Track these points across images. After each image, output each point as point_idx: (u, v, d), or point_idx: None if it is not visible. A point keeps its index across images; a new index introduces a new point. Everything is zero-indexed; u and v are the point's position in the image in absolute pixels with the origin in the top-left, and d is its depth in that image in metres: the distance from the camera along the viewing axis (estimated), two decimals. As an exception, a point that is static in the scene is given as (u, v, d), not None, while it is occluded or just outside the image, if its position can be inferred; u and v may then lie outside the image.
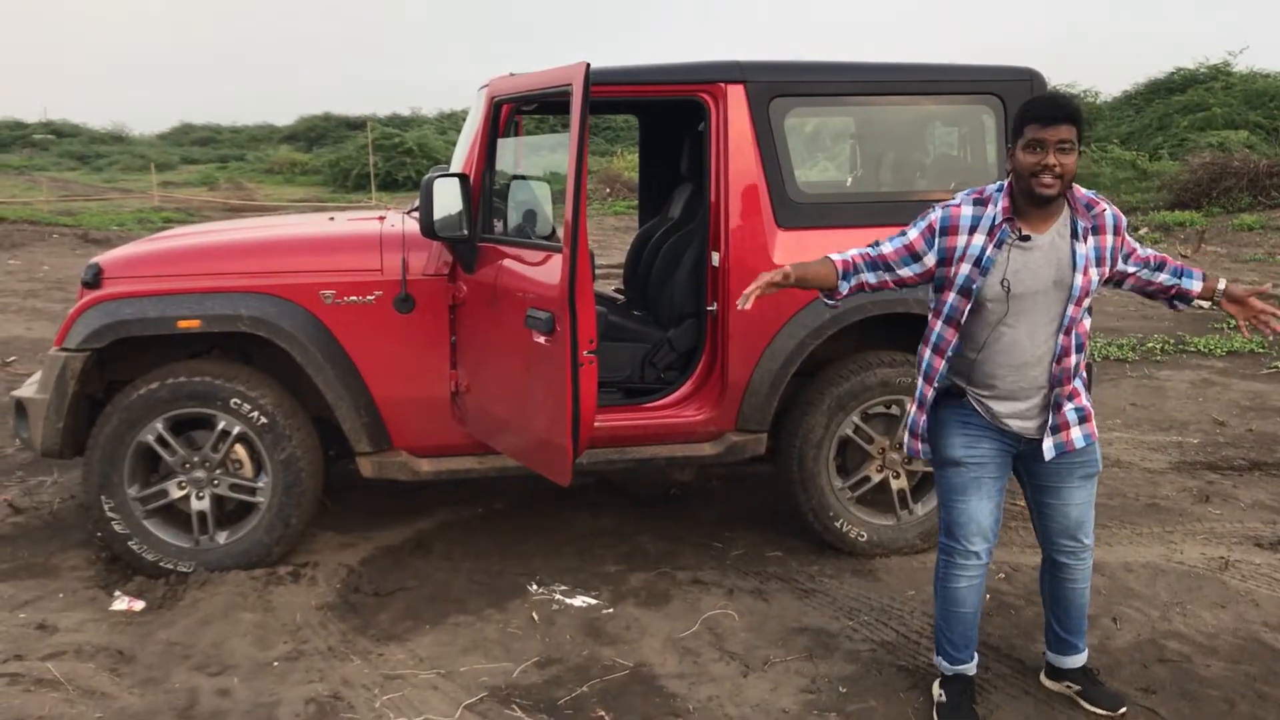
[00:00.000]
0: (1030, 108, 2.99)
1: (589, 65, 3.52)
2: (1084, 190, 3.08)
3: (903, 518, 4.61)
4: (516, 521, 5.02)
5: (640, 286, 5.41)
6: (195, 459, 4.27)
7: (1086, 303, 3.08)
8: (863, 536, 4.57)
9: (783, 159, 4.40)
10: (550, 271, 3.71)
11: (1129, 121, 26.22)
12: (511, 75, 4.28)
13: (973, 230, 3.08)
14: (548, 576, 4.41)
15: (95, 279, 4.26)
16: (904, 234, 3.21)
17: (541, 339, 3.71)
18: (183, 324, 4.13)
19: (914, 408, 3.32)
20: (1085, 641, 3.47)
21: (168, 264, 4.34)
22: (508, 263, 4.02)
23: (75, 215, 21.02)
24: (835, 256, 3.22)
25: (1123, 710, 3.36)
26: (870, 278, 3.23)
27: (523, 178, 4.37)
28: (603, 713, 3.37)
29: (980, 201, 3.12)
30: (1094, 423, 3.21)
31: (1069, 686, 3.46)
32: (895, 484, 4.59)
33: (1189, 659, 3.72)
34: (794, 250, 4.39)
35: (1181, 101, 25.22)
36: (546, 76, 3.86)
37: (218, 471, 4.29)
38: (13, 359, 8.23)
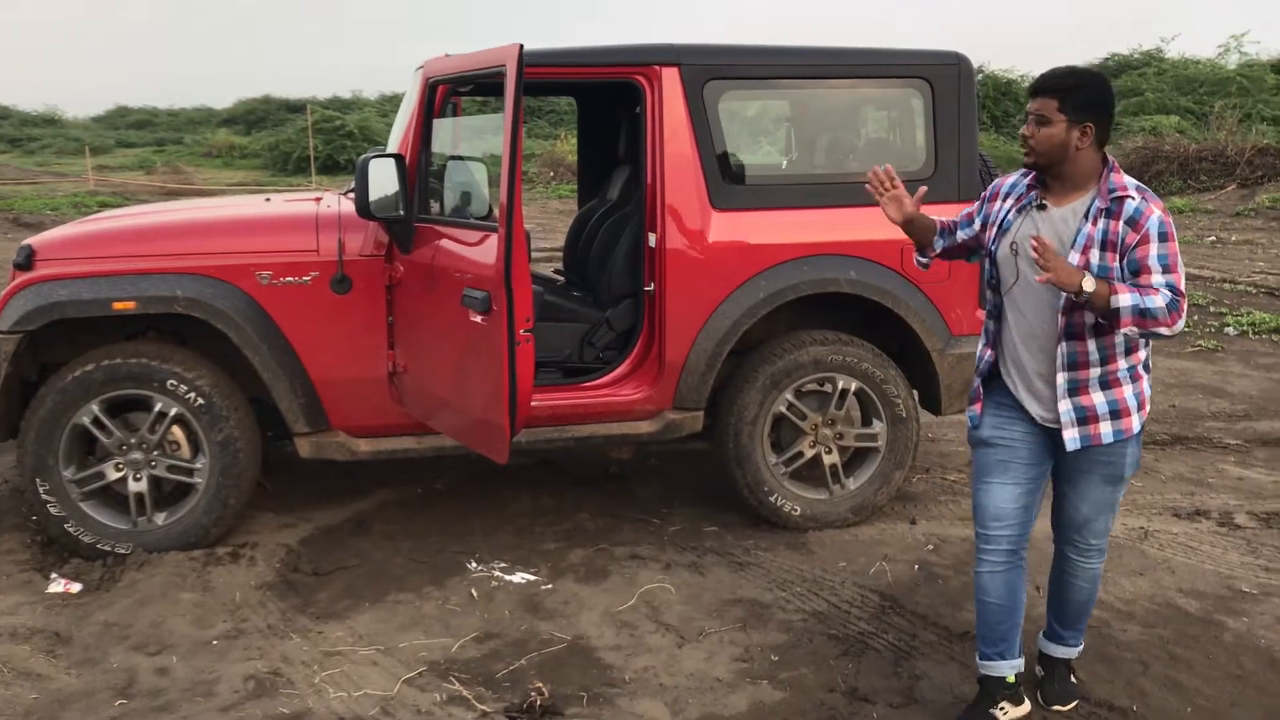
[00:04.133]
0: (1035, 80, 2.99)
1: (522, 46, 3.56)
2: (1127, 179, 2.90)
3: (835, 492, 4.71)
4: (456, 501, 5.07)
5: (579, 268, 5.46)
6: (132, 441, 4.27)
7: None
8: (796, 510, 4.67)
9: (717, 140, 4.47)
10: (486, 251, 3.75)
11: (1065, 106, 26.64)
12: (447, 56, 4.31)
13: (1007, 196, 3.10)
14: (487, 554, 4.46)
15: (28, 261, 4.22)
16: (968, 209, 3.29)
17: (478, 318, 3.76)
18: (118, 305, 4.12)
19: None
20: (1079, 639, 3.39)
21: (102, 245, 4.32)
22: (444, 243, 4.05)
23: (7, 200, 20.59)
24: (937, 217, 3.32)
25: (1056, 707, 3.32)
26: (950, 241, 3.28)
27: (459, 158, 4.40)
28: (540, 684, 3.43)
29: (1026, 172, 3.10)
30: (1134, 420, 2.99)
31: (1037, 671, 3.43)
32: (828, 459, 4.70)
33: (1107, 624, 3.86)
34: (729, 230, 4.48)
35: (1115, 87, 25.63)
36: (481, 58, 3.89)
37: (155, 453, 4.29)
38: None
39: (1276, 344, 8.54)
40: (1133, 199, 2.84)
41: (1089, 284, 2.73)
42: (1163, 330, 2.74)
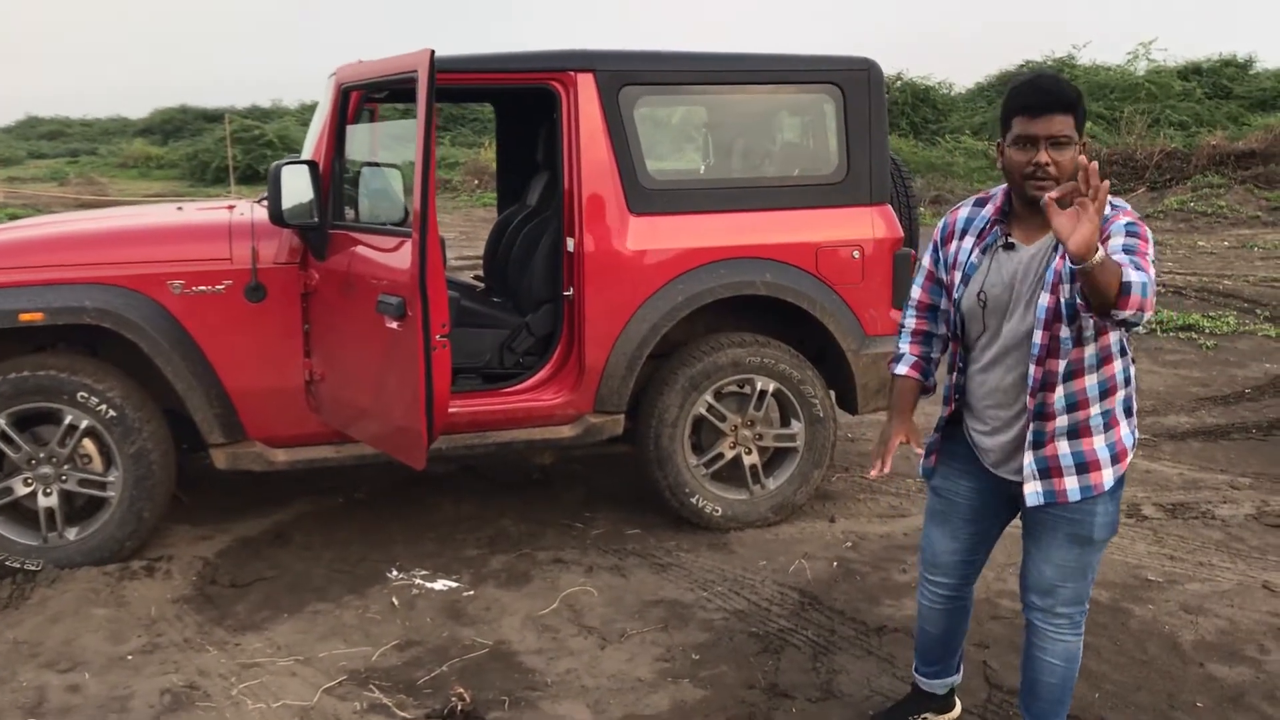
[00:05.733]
0: (1017, 95, 2.50)
1: (433, 52, 3.56)
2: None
3: (755, 492, 4.77)
4: (378, 510, 5.03)
5: (499, 273, 5.46)
6: (41, 455, 4.18)
7: (1065, 330, 2.51)
8: (718, 511, 4.71)
9: (633, 146, 4.50)
10: (401, 257, 3.75)
11: (981, 112, 27.16)
12: (361, 62, 4.29)
13: (964, 234, 2.72)
14: (409, 562, 4.44)
15: (-71, 272, 4.12)
16: (921, 265, 2.90)
17: (394, 324, 3.75)
18: (25, 317, 4.03)
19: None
20: None
21: (8, 255, 4.22)
22: (359, 249, 4.03)
23: (-88, 212, 19.96)
24: (901, 368, 2.92)
25: None
26: (937, 341, 2.92)
27: (374, 164, 4.39)
28: (461, 690, 3.42)
29: (981, 202, 2.75)
30: (1106, 474, 2.61)
31: None
32: (748, 460, 4.75)
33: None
34: (646, 235, 4.51)
35: (1029, 93, 26.21)
36: (393, 63, 3.88)
37: (65, 467, 4.20)
38: None
39: (1182, 341, 8.79)
40: (1113, 215, 2.47)
41: (1099, 256, 2.19)
42: (1147, 315, 2.26)
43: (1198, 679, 3.54)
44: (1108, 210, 2.47)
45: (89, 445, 4.23)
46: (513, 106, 6.01)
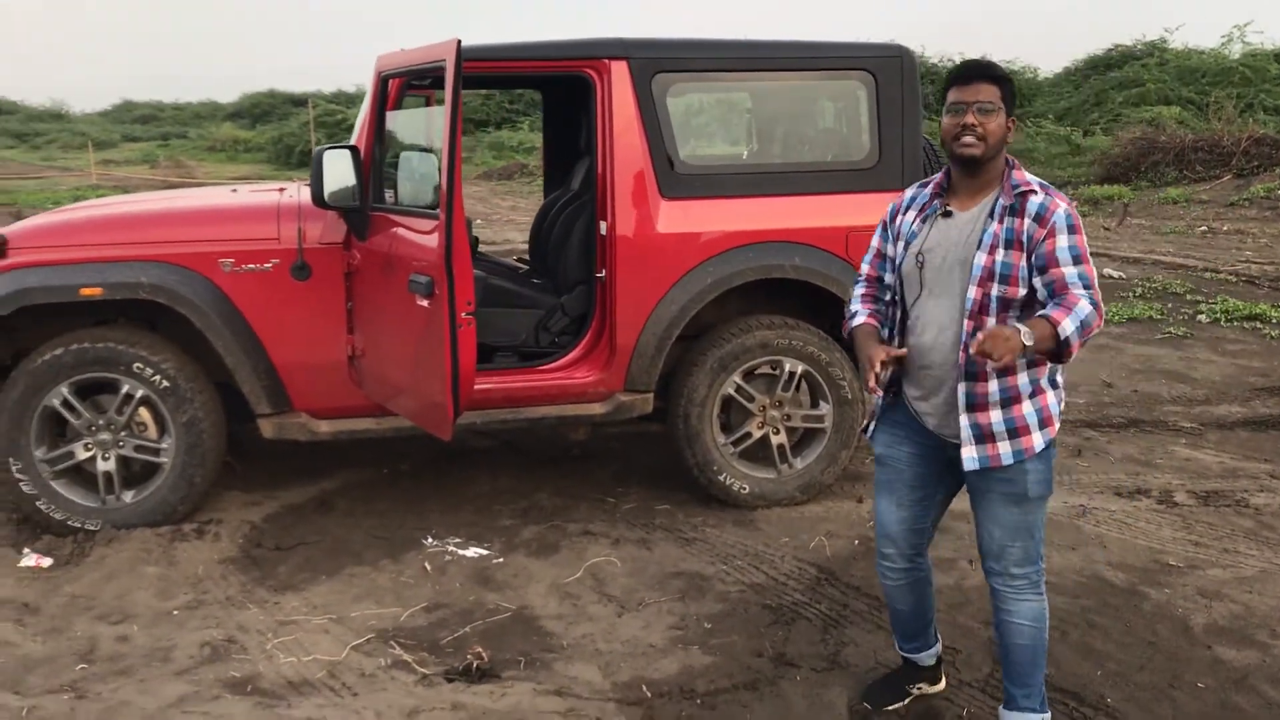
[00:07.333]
0: (952, 72, 2.85)
1: (460, 42, 3.72)
2: (1029, 175, 2.81)
3: (783, 471, 4.87)
4: (419, 481, 5.24)
5: (541, 255, 5.63)
6: (101, 422, 4.44)
7: (997, 289, 2.75)
8: (745, 489, 4.83)
9: (665, 131, 4.62)
10: (431, 237, 3.92)
11: (1066, 98, 26.65)
12: (402, 51, 4.47)
13: (908, 209, 2.99)
14: (444, 530, 4.64)
15: (1, 250, 4.40)
16: (871, 245, 3.12)
17: (423, 302, 3.92)
18: (85, 291, 4.29)
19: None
20: (1035, 699, 3.04)
21: (71, 234, 4.50)
22: (396, 230, 4.22)
23: (10, 194, 20.85)
24: (859, 319, 3.05)
25: None
26: (883, 304, 3.07)
27: (415, 148, 4.57)
28: (480, 649, 3.60)
29: (925, 183, 3.02)
30: (1035, 438, 2.82)
31: None
32: (775, 440, 4.86)
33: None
34: (677, 219, 4.63)
35: (1117, 78, 25.68)
36: (424, 53, 4.05)
37: (123, 434, 4.47)
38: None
39: (1247, 331, 8.65)
40: (1036, 194, 2.75)
41: (1028, 339, 2.56)
42: (1094, 334, 2.66)
43: (1204, 661, 3.57)
44: (1038, 194, 2.76)
45: (144, 413, 4.49)
46: (557, 93, 6.16)
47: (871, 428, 3.15)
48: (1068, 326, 2.59)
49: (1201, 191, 17.89)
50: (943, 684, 3.41)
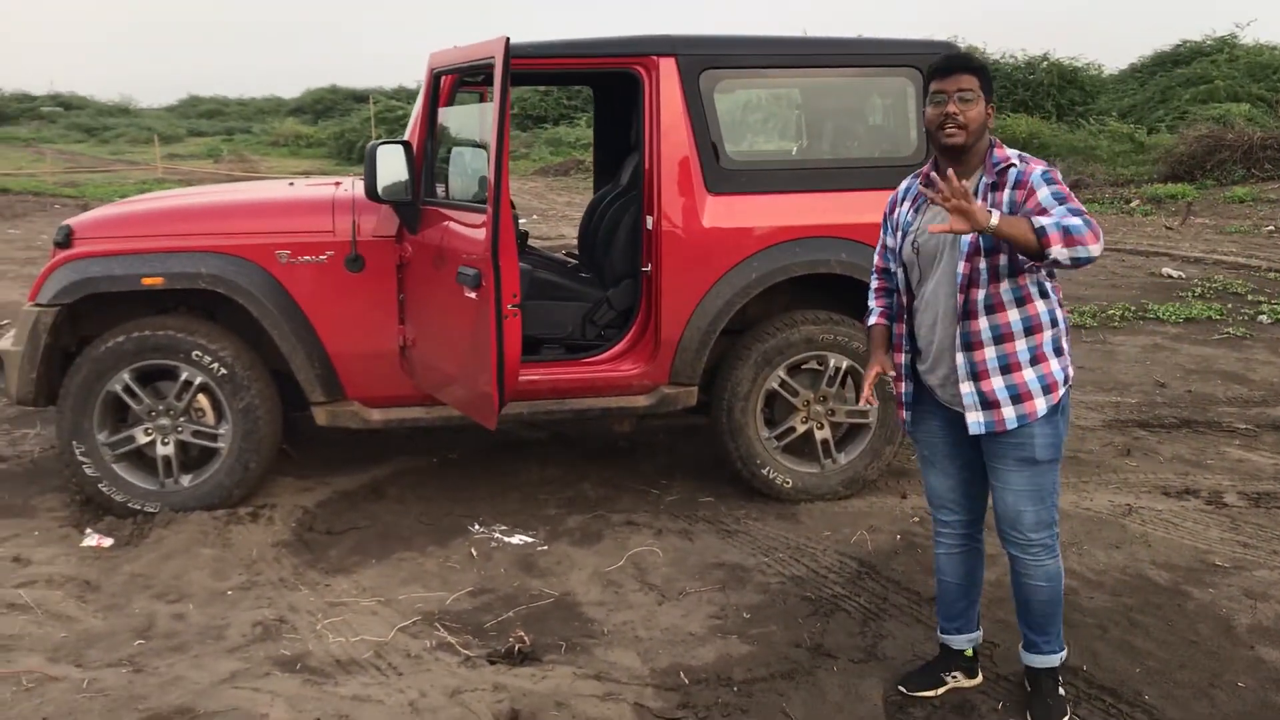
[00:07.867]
0: (932, 66, 3.01)
1: (508, 39, 3.80)
2: (1009, 150, 2.97)
3: (826, 466, 4.90)
4: (468, 470, 5.34)
5: (589, 249, 5.70)
6: (161, 407, 4.59)
7: (984, 261, 2.91)
8: (788, 483, 4.86)
9: (712, 127, 4.66)
10: (478, 231, 4.00)
11: (1131, 95, 26.22)
12: (456, 48, 4.56)
13: (904, 201, 3.17)
14: (491, 518, 4.73)
15: (66, 239, 4.56)
16: (881, 239, 3.29)
17: (471, 294, 4.01)
18: (147, 281, 4.44)
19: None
20: (1056, 644, 3.25)
21: (135, 225, 4.65)
22: (446, 224, 4.31)
23: (79, 187, 21.38)
24: (872, 319, 3.29)
25: None
26: (896, 295, 3.23)
27: (467, 143, 4.66)
28: (522, 633, 3.68)
29: (916, 174, 3.18)
30: (1039, 403, 2.98)
31: (1025, 685, 3.34)
32: (819, 434, 4.89)
33: (1075, 592, 4.01)
34: (723, 214, 4.68)
35: (1184, 74, 25.17)
36: (474, 50, 4.14)
37: (181, 419, 4.61)
38: (5, 322, 8.55)
39: (1312, 333, 8.50)
40: (1015, 166, 2.91)
41: (996, 218, 2.68)
42: (1091, 248, 2.64)
43: (1245, 661, 3.56)
44: (1016, 164, 2.93)
45: (202, 400, 4.63)
46: (608, 89, 6.22)
47: (906, 416, 3.30)
48: (1044, 220, 2.69)
49: (1270, 190, 17.53)
50: (979, 679, 3.43)
